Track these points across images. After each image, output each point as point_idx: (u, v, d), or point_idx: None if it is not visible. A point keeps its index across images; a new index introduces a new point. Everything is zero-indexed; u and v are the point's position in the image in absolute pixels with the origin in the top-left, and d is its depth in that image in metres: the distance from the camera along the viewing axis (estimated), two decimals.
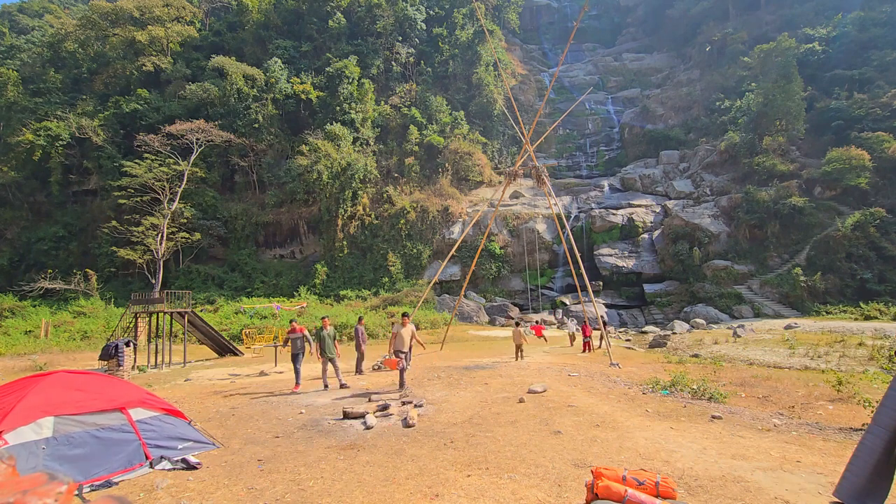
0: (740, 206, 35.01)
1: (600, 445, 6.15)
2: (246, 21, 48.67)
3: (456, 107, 47.76)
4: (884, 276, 29.11)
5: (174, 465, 5.73)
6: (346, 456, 5.99)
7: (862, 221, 30.38)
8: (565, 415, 7.78)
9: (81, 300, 32.23)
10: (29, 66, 48.86)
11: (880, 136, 34.26)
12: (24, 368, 17.82)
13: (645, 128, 48.92)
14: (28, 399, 5.43)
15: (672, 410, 8.24)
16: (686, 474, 5.05)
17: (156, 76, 45.22)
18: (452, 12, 51.96)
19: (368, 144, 43.16)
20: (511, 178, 20.71)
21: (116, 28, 47.27)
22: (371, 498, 4.63)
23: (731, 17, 55.27)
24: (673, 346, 22.72)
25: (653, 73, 58.06)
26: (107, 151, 38.90)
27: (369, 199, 40.65)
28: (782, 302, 30.07)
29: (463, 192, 42.93)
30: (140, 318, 21.49)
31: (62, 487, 1.10)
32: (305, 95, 42.41)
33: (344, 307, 32.41)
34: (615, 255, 36.23)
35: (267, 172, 40.77)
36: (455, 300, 28.78)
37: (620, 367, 13.75)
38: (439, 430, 7.07)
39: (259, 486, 5.05)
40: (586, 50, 66.75)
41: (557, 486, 4.78)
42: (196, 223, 35.62)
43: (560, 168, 47.69)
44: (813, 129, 38.76)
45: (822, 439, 6.63)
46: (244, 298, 33.30)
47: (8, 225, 39.65)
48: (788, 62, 38.55)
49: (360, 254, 38.64)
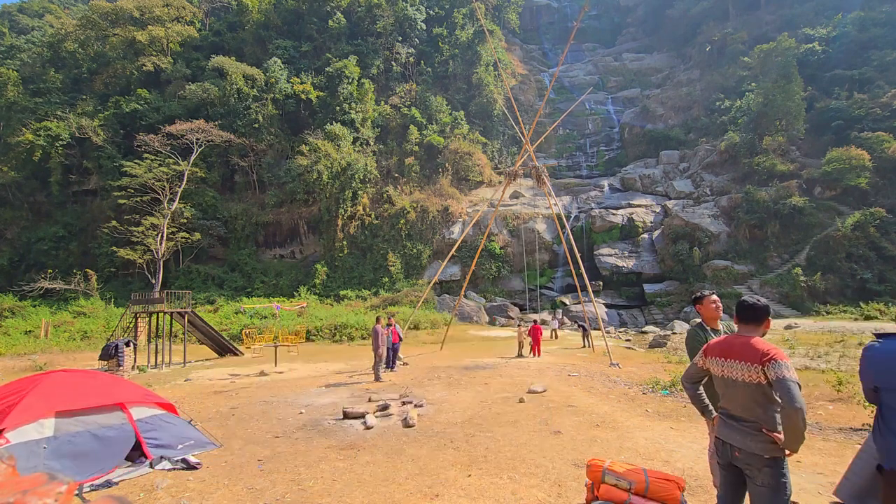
0: (740, 206, 35.00)
1: (600, 445, 6.15)
2: (246, 21, 48.67)
3: (456, 107, 47.76)
4: (884, 276, 29.11)
5: (174, 465, 5.73)
6: (346, 456, 5.99)
7: (862, 221, 30.38)
8: (565, 415, 7.78)
9: (81, 300, 32.23)
10: (29, 66, 48.85)
11: (880, 136, 34.26)
12: (24, 368, 17.82)
13: (645, 128, 48.92)
14: (30, 398, 5.43)
15: (672, 410, 8.24)
16: (686, 474, 5.05)
17: (156, 76, 45.21)
18: (452, 12, 51.96)
19: (368, 144, 43.16)
20: (511, 178, 20.73)
21: (116, 28, 47.27)
22: (371, 498, 4.63)
23: (731, 17, 55.28)
24: (673, 346, 22.70)
25: (653, 73, 58.05)
26: (107, 151, 38.90)
27: (369, 199, 40.65)
28: (782, 302, 30.06)
29: (463, 192, 42.92)
30: (140, 318, 21.48)
31: (62, 487, 1.10)
32: (305, 95, 42.41)
33: (344, 307, 32.41)
34: (615, 255, 36.22)
35: (267, 172, 40.76)
36: (455, 300, 28.77)
37: (620, 367, 13.75)
38: (439, 430, 7.07)
39: (259, 486, 5.05)
40: (586, 50, 66.75)
41: (557, 486, 4.78)
42: (196, 223, 35.61)
43: (560, 168, 47.68)
44: (813, 129, 38.76)
45: (822, 439, 6.63)
46: (244, 298, 33.30)
47: (8, 225, 39.65)
48: (788, 62, 38.56)
49: (360, 254, 38.63)
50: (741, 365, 2.80)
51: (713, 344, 3.10)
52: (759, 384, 2.72)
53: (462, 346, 21.89)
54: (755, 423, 2.78)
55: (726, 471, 3.01)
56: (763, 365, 2.68)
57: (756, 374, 2.72)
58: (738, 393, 2.86)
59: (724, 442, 2.97)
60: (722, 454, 3.00)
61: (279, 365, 16.02)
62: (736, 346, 2.89)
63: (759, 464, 2.75)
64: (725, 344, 2.98)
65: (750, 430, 2.79)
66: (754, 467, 2.77)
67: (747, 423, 2.81)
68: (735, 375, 2.85)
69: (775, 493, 2.72)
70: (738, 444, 2.84)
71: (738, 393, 2.85)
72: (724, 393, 2.99)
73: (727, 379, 2.91)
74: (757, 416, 2.78)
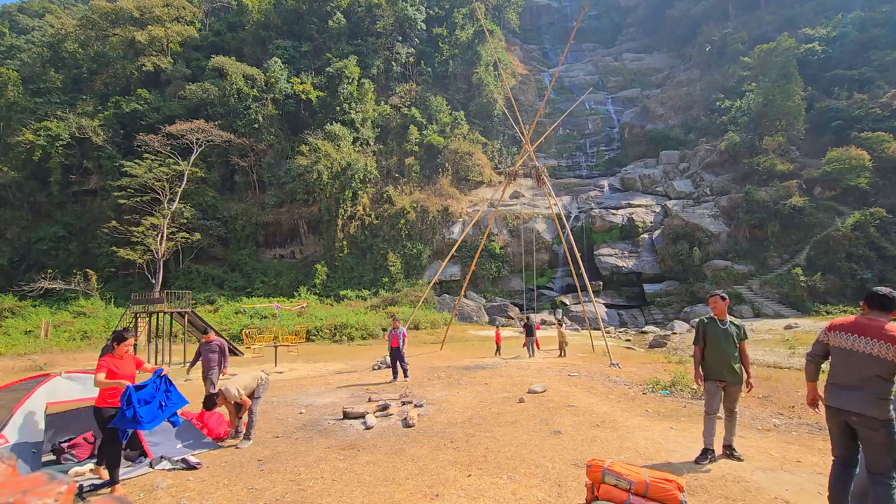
0: (740, 206, 35.00)
1: (600, 445, 6.15)
2: (246, 21, 48.67)
3: (456, 107, 47.75)
4: (884, 276, 29.10)
5: (174, 465, 5.73)
6: (346, 456, 5.99)
7: (862, 221, 30.38)
8: (565, 415, 7.77)
9: (81, 300, 32.23)
10: (29, 66, 48.84)
11: (880, 136, 34.25)
12: (25, 368, 17.83)
13: (645, 128, 48.92)
14: (33, 397, 5.46)
15: (672, 410, 8.23)
16: (686, 474, 5.04)
17: (156, 76, 45.20)
18: (452, 12, 51.95)
19: (368, 144, 43.16)
20: (511, 178, 20.73)
21: (116, 28, 47.26)
22: (371, 498, 4.63)
23: (731, 17, 55.25)
24: (673, 346, 22.72)
25: (653, 73, 58.04)
26: (107, 151, 38.90)
27: (369, 199, 40.64)
28: (782, 302, 30.06)
29: (463, 192, 42.91)
30: (140, 318, 21.50)
31: (62, 487, 1.10)
32: (305, 95, 42.41)
33: (344, 307, 32.42)
34: (615, 255, 36.22)
35: (267, 172, 40.76)
36: (455, 300, 28.75)
37: (620, 367, 13.75)
38: (439, 430, 7.06)
39: (259, 486, 5.05)
40: (586, 50, 66.74)
41: (557, 486, 4.78)
42: (196, 223, 35.60)
43: (560, 168, 47.67)
44: (813, 129, 38.75)
45: (822, 439, 6.62)
46: (244, 298, 33.31)
47: (8, 225, 39.64)
48: (788, 62, 38.55)
49: (360, 254, 38.63)
50: (875, 343, 3.31)
51: (839, 323, 3.62)
52: (888, 360, 3.26)
53: (462, 346, 21.89)
54: (874, 391, 3.30)
55: (841, 435, 3.59)
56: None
57: (890, 353, 3.25)
58: (861, 365, 3.38)
59: (838, 409, 3.51)
60: (836, 420, 3.59)
61: (279, 365, 16.02)
62: (871, 327, 3.39)
63: (875, 425, 3.30)
64: (858, 324, 3.48)
65: (869, 397, 3.32)
66: (870, 428, 3.32)
67: (866, 392, 3.33)
68: (865, 349, 3.36)
69: (890, 448, 3.28)
70: (856, 409, 3.36)
71: (862, 365, 3.36)
72: (843, 364, 3.50)
73: (852, 351, 3.43)
74: (875, 386, 3.29)
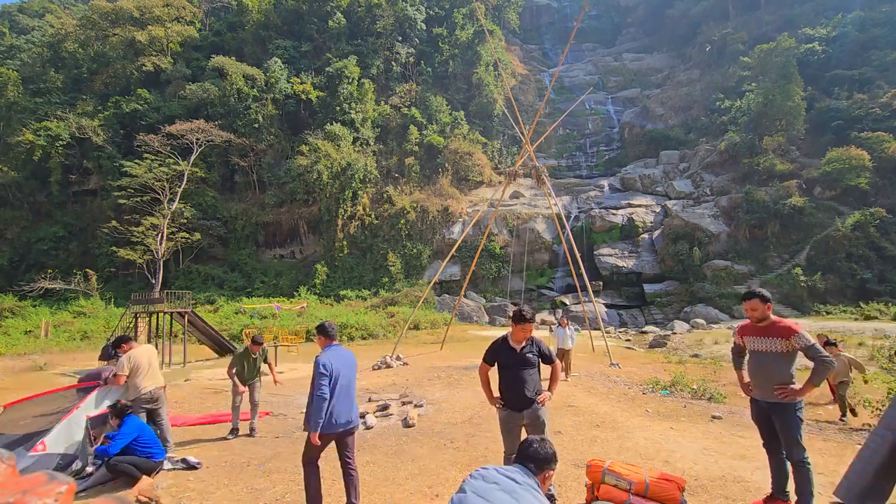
0: (740, 206, 34.99)
1: (600, 445, 6.15)
2: (246, 21, 48.66)
3: (456, 107, 47.74)
4: (884, 276, 29.10)
5: (174, 465, 5.73)
6: None
7: (862, 221, 30.37)
8: (565, 415, 7.77)
9: (81, 300, 32.22)
10: (29, 66, 48.82)
11: (880, 136, 34.23)
12: (24, 368, 17.84)
13: (645, 128, 48.90)
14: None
15: (672, 410, 8.23)
16: (686, 474, 5.04)
17: (156, 76, 45.19)
18: (452, 12, 51.93)
19: (368, 144, 43.15)
20: (511, 178, 20.74)
21: (116, 28, 47.23)
22: (371, 498, 4.63)
23: (731, 17, 55.22)
24: (673, 346, 22.70)
25: (653, 73, 58.01)
26: (107, 151, 38.88)
27: (369, 199, 40.64)
28: (782, 302, 30.03)
29: (463, 192, 42.90)
30: (140, 318, 21.48)
31: (62, 487, 1.10)
32: (305, 95, 42.40)
33: (344, 307, 32.42)
34: (615, 255, 36.20)
35: (267, 172, 40.75)
36: (455, 300, 28.74)
37: (620, 367, 13.76)
38: (439, 430, 7.07)
39: (259, 486, 5.05)
40: (586, 50, 66.70)
41: (557, 486, 4.78)
42: (196, 223, 35.58)
43: (560, 168, 47.64)
44: (813, 129, 38.73)
45: (822, 439, 6.63)
46: (244, 298, 33.30)
47: (8, 225, 39.62)
48: (788, 62, 38.53)
49: (360, 254, 38.63)
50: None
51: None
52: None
53: (462, 346, 21.88)
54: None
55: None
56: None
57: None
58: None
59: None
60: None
61: (279, 365, 16.01)
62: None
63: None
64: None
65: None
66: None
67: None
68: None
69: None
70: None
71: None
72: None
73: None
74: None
